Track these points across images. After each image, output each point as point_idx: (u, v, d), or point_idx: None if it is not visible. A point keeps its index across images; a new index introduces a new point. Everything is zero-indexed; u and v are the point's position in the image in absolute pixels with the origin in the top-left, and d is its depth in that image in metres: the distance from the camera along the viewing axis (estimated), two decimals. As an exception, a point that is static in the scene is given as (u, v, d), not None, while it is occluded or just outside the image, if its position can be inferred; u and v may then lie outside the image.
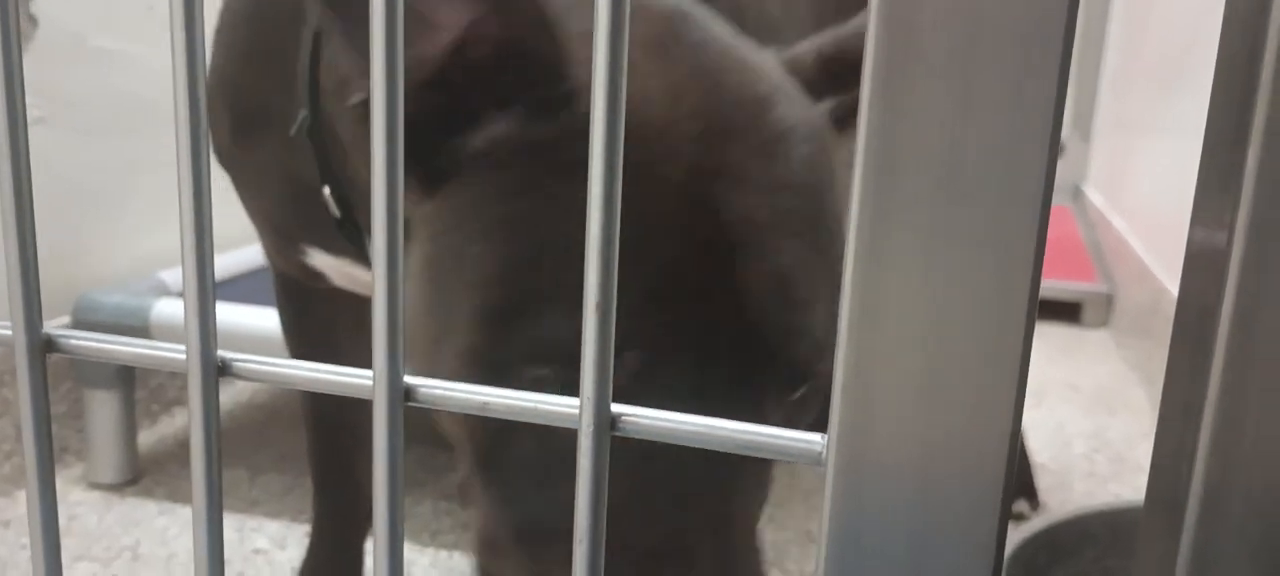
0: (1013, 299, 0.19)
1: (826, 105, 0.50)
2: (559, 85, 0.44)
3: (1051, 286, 1.92)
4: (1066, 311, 1.96)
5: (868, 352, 0.21)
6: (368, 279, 0.72)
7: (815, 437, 0.24)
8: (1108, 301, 1.95)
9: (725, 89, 0.45)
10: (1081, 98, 2.86)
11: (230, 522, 1.07)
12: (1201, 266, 0.22)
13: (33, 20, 1.10)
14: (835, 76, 0.51)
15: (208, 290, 0.26)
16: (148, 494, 1.14)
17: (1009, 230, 0.19)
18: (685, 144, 0.43)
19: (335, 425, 0.85)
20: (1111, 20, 2.77)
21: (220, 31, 0.69)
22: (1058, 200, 2.70)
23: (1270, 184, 0.19)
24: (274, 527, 1.07)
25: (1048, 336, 1.87)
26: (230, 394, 1.42)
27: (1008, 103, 0.18)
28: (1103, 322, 1.96)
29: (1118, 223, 2.15)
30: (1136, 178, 2.05)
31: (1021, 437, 1.32)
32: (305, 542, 0.91)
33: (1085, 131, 2.84)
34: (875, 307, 0.20)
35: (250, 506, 1.11)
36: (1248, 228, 0.20)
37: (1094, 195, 2.61)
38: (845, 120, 0.51)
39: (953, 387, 0.20)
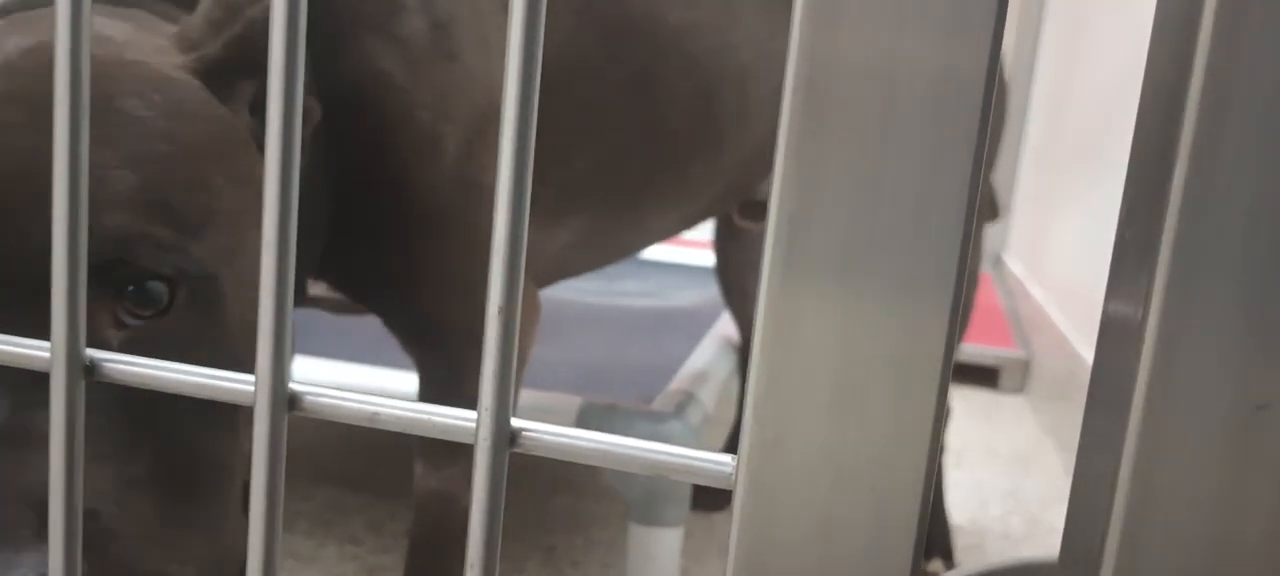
0: (930, 325, 0.19)
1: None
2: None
3: (971, 351, 1.95)
4: (985, 376, 1.99)
5: (780, 371, 0.20)
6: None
7: (725, 459, 0.22)
8: (1025, 367, 1.99)
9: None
10: (1003, 170, 2.94)
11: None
12: (1116, 337, 0.22)
13: None
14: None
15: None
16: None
17: (925, 256, 0.18)
18: None
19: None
20: (1033, 97, 2.86)
21: None
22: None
23: (1185, 259, 0.19)
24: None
25: (967, 399, 1.90)
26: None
27: (922, 144, 0.18)
28: (1020, 388, 1.99)
29: (1036, 292, 2.20)
30: (1055, 249, 2.11)
31: (941, 498, 1.32)
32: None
33: (1006, 202, 2.91)
34: (789, 326, 0.19)
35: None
36: (1162, 301, 0.20)
37: (1013, 264, 2.67)
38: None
39: (866, 407, 0.19)
